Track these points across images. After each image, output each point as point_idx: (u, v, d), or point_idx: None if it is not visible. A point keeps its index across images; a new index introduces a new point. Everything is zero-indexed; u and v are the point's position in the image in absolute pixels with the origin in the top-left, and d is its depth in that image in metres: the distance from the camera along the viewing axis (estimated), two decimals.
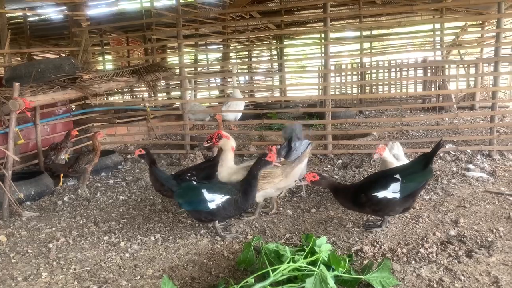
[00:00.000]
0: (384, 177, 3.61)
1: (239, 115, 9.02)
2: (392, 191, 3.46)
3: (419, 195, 3.87)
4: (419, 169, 3.53)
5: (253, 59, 14.83)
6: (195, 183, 3.76)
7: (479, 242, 3.40)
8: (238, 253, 3.33)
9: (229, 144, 4.18)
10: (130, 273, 3.18)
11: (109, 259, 3.43)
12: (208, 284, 2.94)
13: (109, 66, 12.85)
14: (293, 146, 4.56)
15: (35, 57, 11.71)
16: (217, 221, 3.77)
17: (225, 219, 3.88)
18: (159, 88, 9.48)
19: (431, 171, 3.53)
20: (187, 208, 3.70)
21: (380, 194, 3.48)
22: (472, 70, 11.16)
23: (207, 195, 3.57)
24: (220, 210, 3.58)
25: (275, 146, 4.59)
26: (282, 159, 4.31)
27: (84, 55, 7.32)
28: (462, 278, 2.83)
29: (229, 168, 4.11)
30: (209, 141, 4.28)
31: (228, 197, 3.60)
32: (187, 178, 4.30)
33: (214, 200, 3.56)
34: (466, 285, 2.75)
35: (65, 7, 9.08)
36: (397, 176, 3.50)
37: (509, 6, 10.24)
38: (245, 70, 14.72)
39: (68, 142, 6.08)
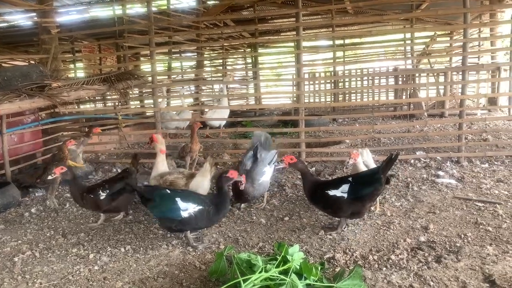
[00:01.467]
0: (341, 179, 3.93)
1: (224, 122, 9.27)
2: (341, 191, 3.74)
3: (373, 203, 3.99)
4: (370, 177, 3.72)
5: (228, 67, 14.83)
6: (169, 191, 3.70)
7: (448, 248, 3.46)
8: (210, 264, 3.29)
9: (158, 147, 4.34)
10: (98, 286, 3.10)
11: (77, 272, 3.34)
12: None
13: (81, 74, 12.63)
14: (259, 157, 4.56)
15: (3, 65, 11.40)
16: (189, 231, 3.72)
17: (196, 230, 3.84)
18: (131, 96, 9.36)
19: (379, 180, 3.66)
20: (159, 215, 3.65)
21: (331, 192, 3.76)
22: (441, 79, 11.45)
23: (181, 203, 3.53)
24: (192, 220, 3.54)
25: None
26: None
27: (53, 63, 7.17)
28: (432, 283, 2.87)
29: (157, 171, 4.22)
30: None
31: (201, 207, 3.56)
32: (100, 191, 4.23)
33: (188, 209, 3.52)
34: None
35: (34, 14, 8.88)
36: (349, 178, 3.81)
37: (475, 17, 10.61)
38: (220, 78, 14.71)
39: (86, 139, 6.21)
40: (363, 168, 4.23)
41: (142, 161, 7.14)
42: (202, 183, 4.33)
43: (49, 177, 4.14)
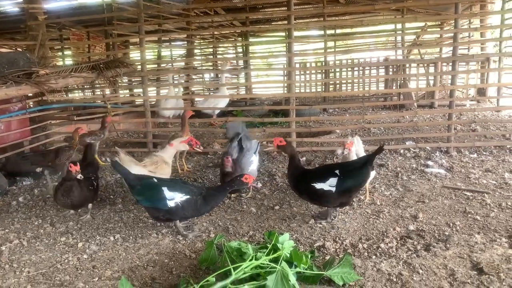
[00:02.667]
0: (327, 170, 3.85)
1: (217, 111, 9.28)
2: (329, 185, 3.67)
3: (359, 192, 4.00)
4: (358, 169, 3.70)
5: (219, 56, 14.71)
6: (156, 180, 3.67)
7: (437, 236, 3.49)
8: (201, 252, 3.28)
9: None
10: (87, 274, 3.07)
11: (66, 260, 3.31)
12: (169, 284, 2.88)
13: (69, 61, 12.45)
14: (245, 147, 4.63)
15: None
16: (178, 221, 3.70)
17: (185, 219, 3.81)
18: (121, 84, 9.26)
19: (367, 172, 3.68)
20: (146, 204, 3.63)
21: (318, 185, 3.69)
22: (431, 69, 11.48)
23: (167, 193, 3.50)
24: (178, 210, 3.52)
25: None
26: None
27: (41, 50, 7.04)
28: (420, 271, 2.89)
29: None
30: None
31: (188, 197, 3.53)
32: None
33: (174, 198, 3.49)
34: (424, 278, 2.81)
35: (21, 0, 8.70)
36: (337, 171, 3.71)
37: (466, 8, 10.62)
38: (210, 67, 14.61)
39: (105, 130, 6.16)
40: (354, 157, 4.21)
41: (131, 151, 7.09)
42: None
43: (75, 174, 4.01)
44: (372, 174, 4.40)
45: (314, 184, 3.71)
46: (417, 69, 11.50)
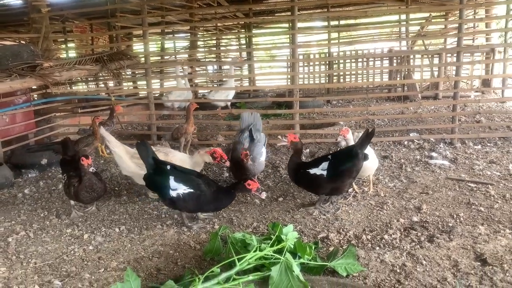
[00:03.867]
0: (321, 158, 4.08)
1: (223, 103, 9.35)
2: (321, 169, 3.82)
3: (352, 179, 3.97)
4: (348, 153, 3.81)
5: (222, 48, 14.68)
6: (168, 167, 3.68)
7: (440, 228, 3.49)
8: (205, 243, 3.31)
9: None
10: (93, 265, 3.10)
11: (72, 252, 3.34)
12: (174, 275, 2.90)
13: (73, 54, 12.45)
14: (256, 138, 4.74)
15: None
16: (184, 212, 3.72)
17: (189, 212, 3.80)
18: (124, 77, 9.27)
19: (357, 156, 3.73)
20: (153, 189, 3.74)
21: (312, 170, 3.86)
22: (436, 60, 11.42)
23: (172, 183, 3.52)
24: (179, 201, 3.54)
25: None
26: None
27: (44, 42, 7.04)
28: (424, 262, 2.90)
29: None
30: None
31: (191, 191, 3.52)
32: None
33: (177, 189, 3.51)
34: (427, 269, 2.82)
35: None
36: (329, 156, 3.91)
37: None
38: (213, 59, 14.58)
39: (113, 120, 6.20)
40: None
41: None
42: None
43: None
44: (376, 164, 4.42)
45: (309, 170, 3.88)
46: (421, 60, 11.43)
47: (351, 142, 4.28)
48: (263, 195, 3.40)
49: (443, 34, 10.90)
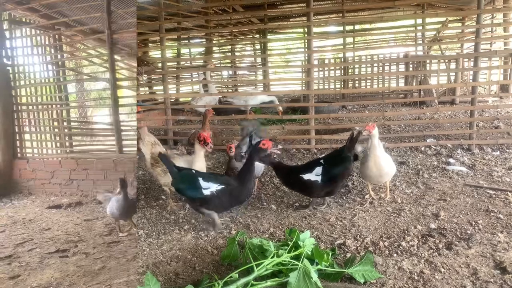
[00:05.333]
0: (314, 161, 4.22)
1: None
2: (315, 174, 3.97)
3: (345, 181, 4.21)
4: (340, 158, 3.98)
5: (237, 54, 14.76)
6: (194, 171, 3.78)
7: (459, 235, 3.47)
8: (222, 248, 3.33)
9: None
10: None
11: None
12: (192, 280, 2.94)
13: None
14: (254, 143, 4.76)
15: None
16: (216, 214, 3.76)
17: (221, 210, 3.85)
18: (141, 82, 9.39)
19: (348, 160, 3.92)
20: (184, 193, 3.74)
21: (306, 176, 3.99)
22: (452, 65, 11.31)
23: (203, 183, 3.60)
24: (214, 198, 3.60)
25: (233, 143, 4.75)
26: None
27: None
28: (442, 270, 2.88)
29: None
30: None
31: (223, 186, 3.62)
32: None
33: (210, 188, 3.60)
34: (446, 277, 2.81)
35: None
36: (322, 161, 4.06)
37: (488, 2, 10.43)
38: (228, 65, 14.66)
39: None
40: (376, 143, 4.16)
41: None
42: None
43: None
44: (393, 170, 4.38)
45: (303, 175, 4.01)
46: (438, 65, 11.33)
47: (375, 139, 4.18)
48: (279, 147, 3.63)
49: (460, 39, 10.79)
